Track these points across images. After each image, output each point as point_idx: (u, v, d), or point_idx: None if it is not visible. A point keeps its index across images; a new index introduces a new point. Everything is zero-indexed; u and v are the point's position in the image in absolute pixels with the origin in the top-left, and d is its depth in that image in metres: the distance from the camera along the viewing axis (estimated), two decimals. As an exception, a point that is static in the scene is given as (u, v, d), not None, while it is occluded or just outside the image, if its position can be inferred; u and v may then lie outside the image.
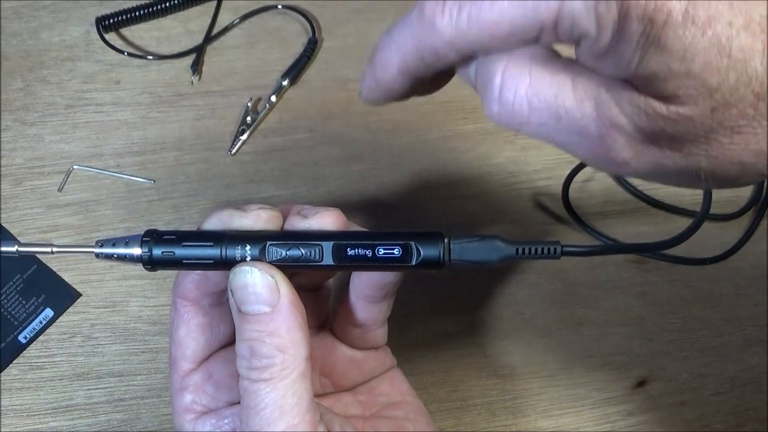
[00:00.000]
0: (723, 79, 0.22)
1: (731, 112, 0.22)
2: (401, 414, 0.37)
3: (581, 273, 0.50)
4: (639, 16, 0.22)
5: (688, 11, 0.21)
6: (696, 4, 0.21)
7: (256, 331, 0.29)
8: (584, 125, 0.25)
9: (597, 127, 0.25)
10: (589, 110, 0.25)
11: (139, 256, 0.30)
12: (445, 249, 0.30)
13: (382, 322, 0.37)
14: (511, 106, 0.26)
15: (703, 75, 0.22)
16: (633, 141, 0.25)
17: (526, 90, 0.26)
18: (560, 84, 0.25)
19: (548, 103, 0.25)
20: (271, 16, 0.58)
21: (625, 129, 0.24)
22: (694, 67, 0.22)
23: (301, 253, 0.30)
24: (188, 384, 0.33)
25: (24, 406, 0.45)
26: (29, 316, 0.47)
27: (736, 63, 0.22)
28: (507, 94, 0.26)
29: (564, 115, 0.25)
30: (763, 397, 0.48)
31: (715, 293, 0.51)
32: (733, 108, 0.22)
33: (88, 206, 0.50)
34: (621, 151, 0.25)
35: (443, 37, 0.25)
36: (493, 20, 0.24)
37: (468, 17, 0.25)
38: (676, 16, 0.21)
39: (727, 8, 0.21)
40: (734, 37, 0.21)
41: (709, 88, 0.22)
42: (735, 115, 0.22)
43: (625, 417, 0.47)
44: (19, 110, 0.53)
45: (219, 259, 0.30)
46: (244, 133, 0.53)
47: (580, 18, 0.23)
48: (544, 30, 0.24)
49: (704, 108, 0.22)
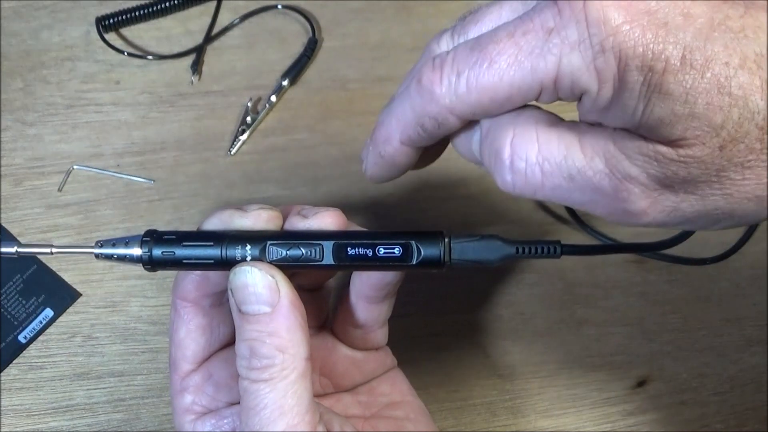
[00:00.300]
0: (727, 116, 0.22)
1: (739, 148, 0.23)
2: (401, 414, 0.37)
3: (581, 273, 0.50)
4: (638, 66, 0.22)
5: (685, 56, 0.22)
6: (692, 48, 0.22)
7: (256, 331, 0.29)
8: (597, 182, 0.25)
9: (610, 181, 0.25)
10: (600, 166, 0.25)
11: (139, 256, 0.30)
12: (445, 248, 0.30)
13: (382, 323, 0.37)
14: (524, 174, 0.26)
15: (708, 114, 0.22)
16: (648, 190, 0.25)
17: (536, 156, 0.26)
18: (568, 145, 0.26)
19: (559, 166, 0.26)
20: (271, 16, 0.58)
21: (638, 179, 0.25)
22: (697, 108, 0.22)
23: (302, 253, 0.30)
24: (188, 385, 0.33)
25: (24, 406, 0.45)
26: (29, 316, 0.47)
27: (738, 100, 0.22)
28: (518, 164, 0.26)
29: (576, 174, 0.26)
30: (763, 397, 0.48)
31: (715, 293, 0.51)
32: (741, 143, 0.23)
33: (88, 206, 0.50)
34: (637, 201, 0.25)
35: (443, 103, 0.26)
36: (493, 84, 0.25)
37: (467, 83, 0.25)
38: (674, 62, 0.22)
39: (723, 49, 0.22)
40: (732, 76, 0.22)
41: (715, 127, 0.22)
42: (743, 150, 0.23)
43: (625, 417, 0.47)
44: (19, 110, 0.53)
45: (219, 259, 0.30)
46: (244, 133, 0.53)
47: (580, 75, 0.23)
48: (545, 89, 0.24)
49: (713, 146, 0.23)
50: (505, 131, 0.26)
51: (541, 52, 0.23)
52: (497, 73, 0.24)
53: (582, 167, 0.25)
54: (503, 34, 0.24)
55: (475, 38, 0.26)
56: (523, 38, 0.24)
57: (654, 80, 0.22)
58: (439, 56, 0.26)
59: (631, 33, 0.22)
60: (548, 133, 0.26)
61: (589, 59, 0.23)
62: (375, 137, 0.30)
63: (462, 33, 0.27)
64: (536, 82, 0.24)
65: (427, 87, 0.26)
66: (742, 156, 0.23)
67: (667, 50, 0.22)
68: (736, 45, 0.22)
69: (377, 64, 0.56)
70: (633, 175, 0.25)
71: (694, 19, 0.22)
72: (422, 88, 0.26)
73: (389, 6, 0.58)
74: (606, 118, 0.25)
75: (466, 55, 0.25)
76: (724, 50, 0.22)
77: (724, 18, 0.22)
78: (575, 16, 0.23)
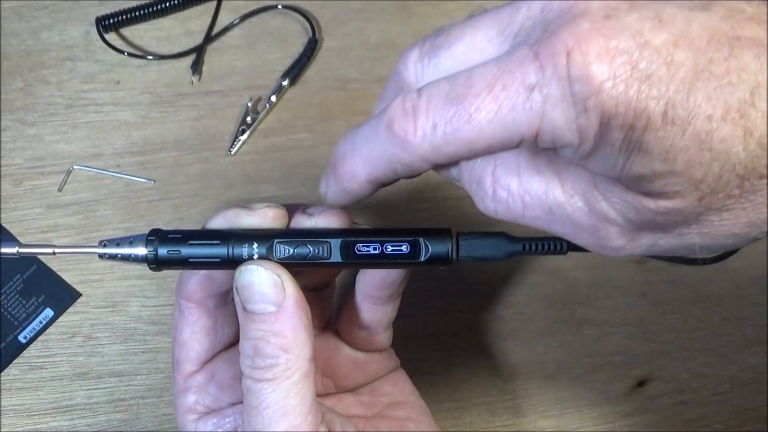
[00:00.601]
0: (707, 171, 0.22)
1: (718, 197, 0.23)
2: (403, 414, 0.37)
3: (581, 273, 0.51)
4: (619, 125, 0.22)
5: (666, 112, 0.21)
6: (674, 103, 0.21)
7: (260, 331, 0.29)
8: (577, 219, 0.25)
9: (589, 219, 0.25)
10: (580, 204, 0.25)
11: (144, 256, 0.30)
12: (453, 245, 0.30)
13: (386, 325, 0.37)
14: (506, 203, 0.26)
15: (688, 172, 0.22)
16: (625, 230, 0.25)
17: (517, 188, 0.26)
18: (549, 180, 0.26)
19: (540, 200, 0.26)
20: (271, 16, 0.58)
21: (615, 221, 0.25)
22: (677, 165, 0.22)
23: (309, 251, 0.30)
24: (191, 385, 0.33)
25: (24, 406, 0.45)
26: (29, 316, 0.47)
27: (719, 154, 0.22)
28: (500, 193, 0.26)
29: (556, 209, 0.26)
30: (762, 397, 0.48)
31: (715, 293, 0.51)
32: (720, 192, 0.23)
33: (88, 206, 0.50)
34: (615, 239, 0.26)
35: (418, 153, 0.25)
36: (472, 138, 0.24)
37: (444, 135, 0.24)
38: (655, 119, 0.21)
39: (705, 101, 0.21)
40: (714, 130, 0.21)
41: (695, 182, 0.22)
42: (722, 197, 0.23)
43: (625, 417, 0.47)
44: (19, 110, 0.53)
45: (226, 258, 0.30)
46: (244, 133, 0.53)
47: (562, 132, 0.23)
48: (525, 141, 0.24)
49: (691, 199, 0.23)
50: (487, 160, 0.26)
51: (523, 108, 0.23)
52: (477, 128, 0.24)
53: (561, 203, 0.25)
54: (481, 85, 0.23)
55: (449, 82, 0.24)
56: (503, 93, 0.23)
57: (634, 138, 0.22)
58: (410, 99, 0.25)
59: (613, 91, 0.21)
60: (529, 167, 0.26)
61: (571, 118, 0.22)
62: (339, 173, 0.28)
63: (432, 55, 0.26)
64: (517, 136, 0.23)
65: (400, 135, 0.25)
66: (720, 203, 0.23)
67: (649, 107, 0.21)
68: (719, 94, 0.21)
69: (377, 64, 0.56)
70: (611, 218, 0.25)
71: (677, 68, 0.21)
72: (395, 136, 0.25)
73: (389, 6, 0.58)
74: (587, 165, 0.24)
75: (441, 106, 0.24)
76: (707, 102, 0.21)
77: (708, 62, 0.21)
78: (557, 73, 0.22)
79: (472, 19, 0.26)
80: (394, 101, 0.25)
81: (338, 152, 0.28)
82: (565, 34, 0.22)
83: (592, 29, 0.22)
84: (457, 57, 0.26)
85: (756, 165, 0.22)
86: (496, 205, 0.27)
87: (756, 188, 0.22)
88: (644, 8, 0.22)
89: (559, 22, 0.23)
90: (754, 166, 0.22)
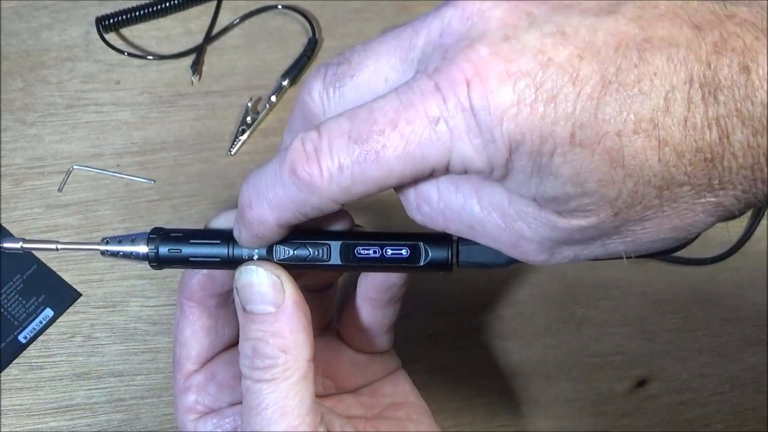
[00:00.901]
0: (620, 188, 0.21)
1: (636, 209, 0.22)
2: (403, 414, 0.37)
3: (581, 273, 0.50)
4: (527, 152, 0.21)
5: (574, 135, 0.21)
6: (581, 124, 0.20)
7: (260, 331, 0.29)
8: (495, 235, 0.25)
9: (507, 235, 0.25)
10: (498, 221, 0.25)
11: (146, 254, 0.30)
12: (453, 251, 0.30)
13: (387, 328, 0.37)
14: (429, 216, 0.26)
15: (600, 191, 0.21)
16: (544, 247, 0.25)
17: (437, 203, 0.26)
18: (466, 197, 0.25)
19: (459, 215, 0.26)
20: (271, 16, 0.58)
21: (533, 239, 0.25)
22: (588, 186, 0.21)
23: (309, 253, 0.30)
24: (191, 385, 0.34)
25: (24, 406, 0.45)
26: (29, 316, 0.47)
27: (632, 170, 0.21)
28: (423, 208, 0.26)
29: (476, 225, 0.25)
30: (762, 397, 0.48)
31: (715, 293, 0.51)
32: (637, 205, 0.22)
33: (88, 206, 0.50)
34: (536, 255, 0.25)
35: (326, 195, 0.24)
36: (381, 176, 0.23)
37: (352, 176, 0.23)
38: (562, 143, 0.21)
39: (615, 115, 0.20)
40: (625, 146, 0.21)
41: (609, 200, 0.22)
42: (640, 209, 0.22)
43: (625, 417, 0.47)
44: (19, 110, 0.53)
45: (226, 258, 0.30)
46: (244, 133, 0.53)
47: (471, 161, 0.22)
48: (436, 172, 0.23)
49: (607, 215, 0.22)
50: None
51: (430, 141, 0.22)
52: (385, 166, 0.23)
53: (480, 219, 0.25)
54: (384, 121, 0.23)
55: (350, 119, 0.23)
56: (409, 127, 0.22)
57: (543, 162, 0.21)
58: (310, 140, 0.24)
59: (518, 117, 0.21)
60: (448, 183, 0.25)
61: (480, 148, 0.22)
62: (247, 220, 0.27)
63: (337, 85, 0.25)
64: (427, 169, 0.23)
65: (305, 180, 0.24)
66: (639, 214, 0.22)
67: (555, 131, 0.21)
68: (629, 105, 0.20)
69: (377, 64, 0.56)
70: (528, 237, 0.24)
71: (583, 84, 0.20)
72: (299, 180, 0.24)
73: (389, 6, 0.58)
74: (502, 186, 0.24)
75: (345, 146, 0.23)
76: (617, 116, 0.20)
77: (616, 72, 0.20)
78: (460, 104, 0.21)
79: (374, 42, 0.25)
80: (294, 143, 0.24)
81: (243, 198, 0.27)
82: (463, 62, 0.21)
83: (491, 54, 0.21)
84: (361, 87, 0.25)
85: (673, 174, 0.21)
86: (422, 218, 0.27)
87: (677, 196, 0.22)
88: (545, 23, 0.21)
89: (457, 48, 0.22)
90: (672, 175, 0.21)
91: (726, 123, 0.21)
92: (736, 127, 0.21)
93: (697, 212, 0.22)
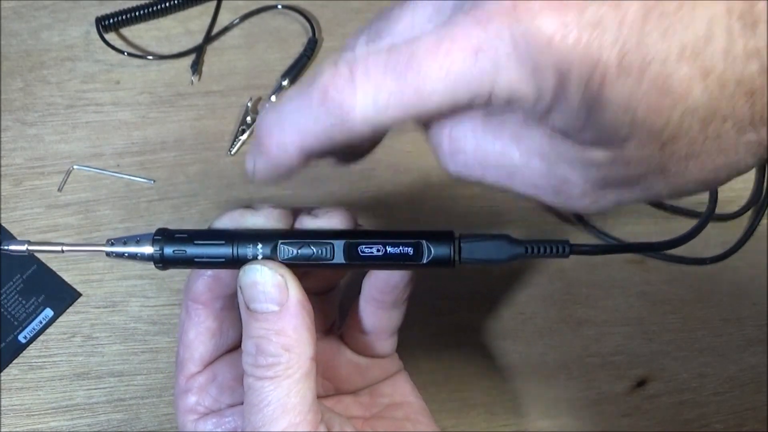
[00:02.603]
0: (668, 117, 0.21)
1: (681, 144, 0.22)
2: (402, 415, 0.37)
3: (581, 273, 0.50)
4: (576, 79, 0.21)
5: (621, 63, 0.20)
6: (628, 50, 0.20)
7: (263, 329, 0.29)
8: (536, 180, 0.25)
9: (549, 180, 0.24)
10: (538, 166, 0.24)
11: (151, 254, 0.30)
12: (455, 248, 0.30)
13: (391, 332, 0.37)
14: (464, 166, 0.25)
15: (649, 119, 0.21)
16: (588, 190, 0.24)
17: (474, 151, 0.25)
18: (505, 143, 0.25)
19: (498, 162, 0.25)
20: (271, 16, 0.58)
21: (576, 183, 0.24)
22: (638, 114, 0.21)
23: (313, 252, 0.30)
24: (193, 386, 0.34)
25: (24, 406, 0.45)
26: (29, 316, 0.47)
27: (679, 98, 0.21)
28: (459, 157, 0.25)
29: (515, 172, 0.25)
30: (762, 397, 0.48)
31: (715, 293, 0.51)
32: (683, 139, 0.22)
33: (88, 206, 0.50)
34: (579, 199, 0.25)
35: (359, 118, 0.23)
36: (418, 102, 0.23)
37: (387, 99, 0.23)
38: (609, 71, 0.20)
39: (660, 41, 0.20)
40: (672, 73, 0.20)
41: (657, 130, 0.21)
42: (685, 144, 0.22)
43: (625, 417, 0.47)
44: (19, 110, 0.53)
45: (231, 258, 0.30)
46: (244, 133, 0.53)
47: (518, 89, 0.22)
48: (477, 104, 0.23)
49: (653, 148, 0.22)
50: (441, 123, 0.25)
51: (472, 69, 0.22)
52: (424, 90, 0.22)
53: (520, 166, 0.25)
54: (424, 51, 0.22)
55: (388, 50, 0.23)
56: (449, 57, 0.22)
57: (592, 91, 0.21)
58: (345, 62, 0.23)
59: (564, 43, 0.20)
60: (485, 129, 0.25)
61: (526, 76, 0.21)
62: (266, 146, 0.26)
63: (377, 39, 0.25)
64: (469, 95, 0.22)
65: (337, 100, 0.23)
66: (684, 150, 0.22)
67: (602, 57, 0.20)
68: (672, 33, 0.20)
69: (377, 65, 0.56)
70: (571, 180, 0.24)
71: (625, 11, 0.20)
72: (331, 101, 0.23)
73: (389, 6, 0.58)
74: (545, 122, 0.23)
75: (381, 70, 0.22)
76: (662, 43, 0.20)
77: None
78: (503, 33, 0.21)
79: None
80: (325, 65, 0.23)
81: (263, 126, 0.26)
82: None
83: None
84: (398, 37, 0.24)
85: (716, 107, 0.21)
86: (456, 168, 0.26)
87: (720, 131, 0.21)
88: None
89: None
90: (715, 108, 0.21)
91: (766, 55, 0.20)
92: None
93: (739, 150, 0.22)
